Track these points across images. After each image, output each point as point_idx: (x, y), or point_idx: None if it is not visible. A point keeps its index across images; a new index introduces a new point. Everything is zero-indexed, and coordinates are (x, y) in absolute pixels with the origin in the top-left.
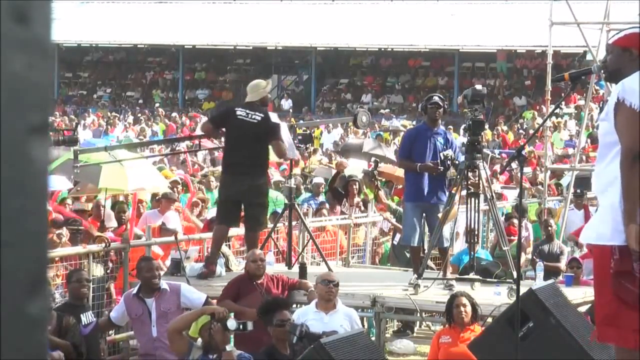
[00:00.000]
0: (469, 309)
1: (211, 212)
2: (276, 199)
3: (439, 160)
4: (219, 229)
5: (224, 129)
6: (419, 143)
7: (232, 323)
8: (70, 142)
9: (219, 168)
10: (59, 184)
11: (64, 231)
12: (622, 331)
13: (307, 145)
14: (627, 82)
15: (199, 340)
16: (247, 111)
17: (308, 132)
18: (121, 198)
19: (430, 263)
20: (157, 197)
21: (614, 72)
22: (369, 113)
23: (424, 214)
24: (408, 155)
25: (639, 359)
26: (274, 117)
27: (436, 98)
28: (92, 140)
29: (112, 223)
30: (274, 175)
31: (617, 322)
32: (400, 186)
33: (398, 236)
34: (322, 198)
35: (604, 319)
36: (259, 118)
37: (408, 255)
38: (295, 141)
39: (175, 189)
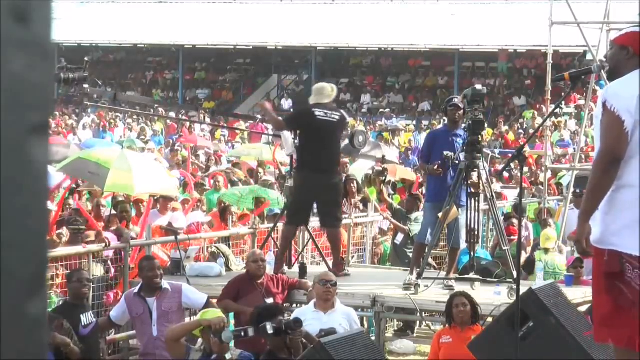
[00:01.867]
0: (468, 308)
1: (196, 214)
2: (278, 199)
3: (440, 162)
4: (291, 229)
5: (298, 130)
6: (438, 145)
7: (227, 335)
8: (80, 80)
9: (220, 167)
10: (55, 178)
11: (64, 231)
12: (617, 330)
13: None
14: (612, 86)
15: (199, 340)
16: (325, 111)
17: None
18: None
19: (431, 261)
20: (155, 197)
21: (612, 70)
22: (366, 133)
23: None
24: (427, 158)
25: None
26: (345, 113)
27: (456, 100)
28: (91, 141)
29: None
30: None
31: (611, 322)
32: (400, 186)
33: (400, 236)
34: None
35: (600, 318)
36: (338, 117)
37: (411, 255)
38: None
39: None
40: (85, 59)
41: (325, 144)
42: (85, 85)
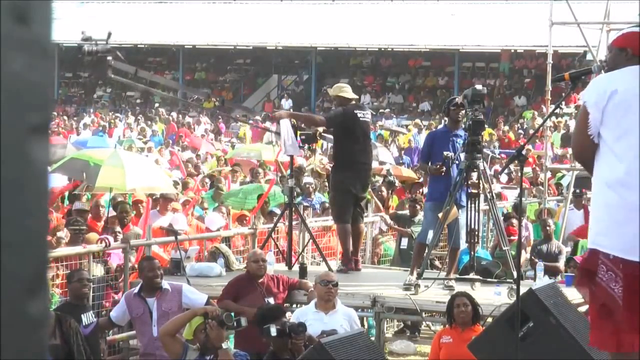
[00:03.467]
0: (469, 309)
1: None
2: (275, 193)
3: (441, 162)
4: (346, 227)
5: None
6: (438, 145)
7: (229, 317)
8: (104, 53)
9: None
10: (54, 181)
11: (64, 233)
12: (603, 334)
13: (310, 145)
14: (590, 83)
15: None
16: (361, 111)
17: (311, 132)
18: (120, 198)
19: (437, 263)
20: (154, 197)
21: (611, 71)
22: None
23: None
24: (427, 157)
25: None
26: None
27: (458, 100)
28: (90, 142)
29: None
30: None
31: (597, 326)
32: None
33: (404, 240)
34: (316, 198)
35: (590, 323)
36: (369, 115)
37: None
38: (298, 140)
39: (176, 188)
40: (109, 31)
41: (364, 143)
42: (109, 58)
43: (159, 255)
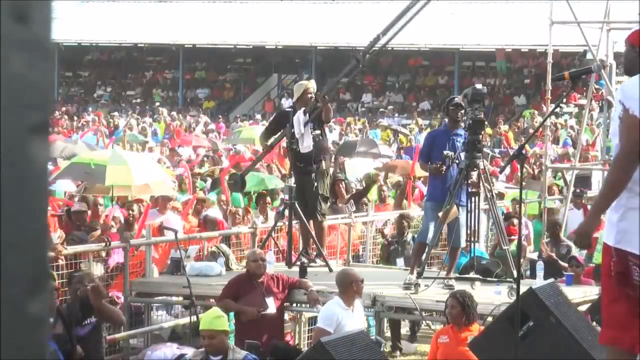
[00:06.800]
0: (456, 311)
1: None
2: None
3: (441, 161)
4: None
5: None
6: (438, 145)
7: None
8: None
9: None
10: (65, 187)
11: (57, 234)
12: (625, 334)
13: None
14: (625, 87)
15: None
16: None
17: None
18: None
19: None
20: (155, 197)
21: (625, 68)
22: None
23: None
24: (427, 157)
25: None
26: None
27: (457, 99)
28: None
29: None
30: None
31: (625, 327)
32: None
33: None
34: None
35: (609, 320)
36: None
37: None
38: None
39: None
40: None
41: None
42: None
43: (153, 258)
